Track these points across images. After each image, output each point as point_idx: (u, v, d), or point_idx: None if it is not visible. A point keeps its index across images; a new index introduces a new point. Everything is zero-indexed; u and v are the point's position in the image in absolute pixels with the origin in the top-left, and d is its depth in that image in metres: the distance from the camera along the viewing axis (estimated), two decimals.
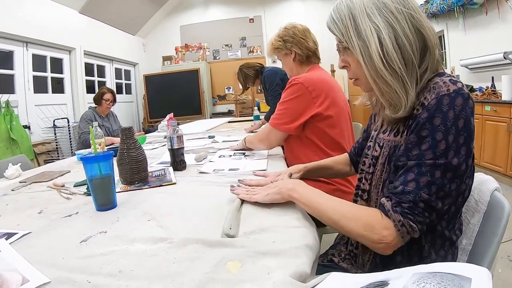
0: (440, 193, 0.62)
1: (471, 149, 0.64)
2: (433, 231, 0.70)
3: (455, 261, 0.74)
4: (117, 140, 2.73)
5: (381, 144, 0.81)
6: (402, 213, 0.63)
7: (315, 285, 0.50)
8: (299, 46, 1.57)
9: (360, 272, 0.84)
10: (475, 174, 0.83)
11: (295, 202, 0.79)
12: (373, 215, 0.67)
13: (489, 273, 0.38)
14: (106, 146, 2.81)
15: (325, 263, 0.92)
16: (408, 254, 0.71)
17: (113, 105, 3.32)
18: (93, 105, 3.31)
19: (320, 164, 1.16)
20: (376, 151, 0.82)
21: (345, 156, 1.15)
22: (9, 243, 0.70)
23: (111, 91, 3.28)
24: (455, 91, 0.63)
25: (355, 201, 0.88)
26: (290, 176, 1.02)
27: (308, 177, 1.12)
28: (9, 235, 0.74)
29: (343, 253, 0.92)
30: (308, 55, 1.59)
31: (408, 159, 0.66)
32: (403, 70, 0.67)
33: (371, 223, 0.66)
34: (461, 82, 0.65)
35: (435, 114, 0.63)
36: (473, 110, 0.64)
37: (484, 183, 0.78)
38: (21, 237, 0.74)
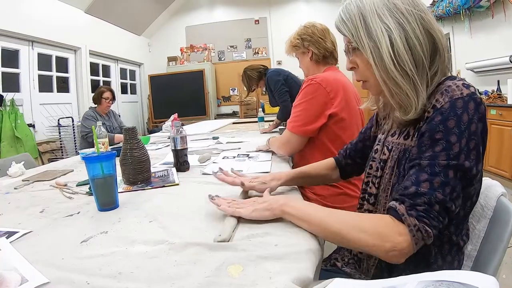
0: (453, 194, 0.60)
1: (480, 154, 0.63)
2: (441, 237, 0.68)
3: (461, 267, 0.73)
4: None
5: (389, 147, 0.79)
6: (418, 216, 0.59)
7: None
8: (316, 45, 1.55)
9: (364, 277, 0.82)
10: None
11: (288, 218, 0.72)
12: (384, 222, 0.63)
13: (497, 282, 0.37)
14: (115, 144, 2.82)
15: (328, 268, 0.91)
16: (415, 259, 0.69)
17: (112, 103, 3.35)
18: (93, 105, 3.34)
19: (302, 171, 1.06)
20: (385, 154, 0.80)
21: (330, 160, 1.09)
22: (10, 242, 0.70)
23: (110, 90, 3.32)
24: (468, 95, 0.62)
25: (361, 205, 0.86)
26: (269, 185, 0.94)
27: (289, 186, 1.04)
28: (10, 234, 0.74)
29: (347, 257, 0.91)
30: (325, 55, 1.57)
31: (420, 160, 0.64)
32: (414, 72, 0.66)
33: (382, 231, 0.61)
34: (474, 87, 0.64)
35: (449, 116, 0.62)
36: (484, 115, 0.63)
37: (490, 188, 0.77)
38: (22, 236, 0.74)
